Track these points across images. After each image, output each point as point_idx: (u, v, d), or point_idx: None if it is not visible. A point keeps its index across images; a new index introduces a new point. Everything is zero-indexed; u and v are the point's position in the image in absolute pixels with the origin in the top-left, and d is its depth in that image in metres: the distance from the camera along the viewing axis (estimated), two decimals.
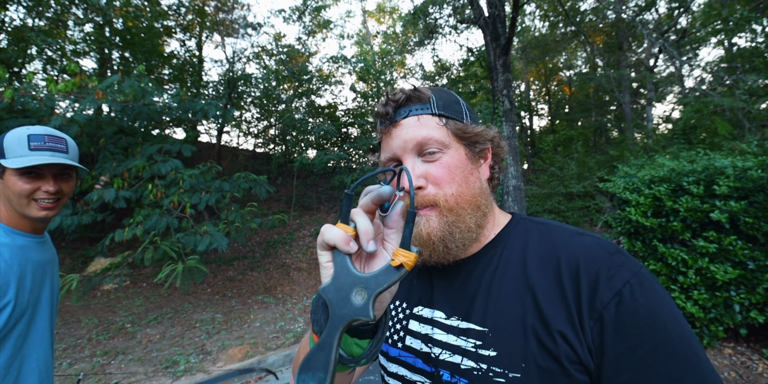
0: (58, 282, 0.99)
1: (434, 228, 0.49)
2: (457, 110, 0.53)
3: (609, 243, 0.47)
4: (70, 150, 0.91)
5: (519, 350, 0.43)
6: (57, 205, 0.89)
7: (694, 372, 0.38)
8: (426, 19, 8.69)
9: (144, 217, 4.37)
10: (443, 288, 0.55)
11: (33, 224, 0.89)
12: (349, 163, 9.79)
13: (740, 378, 2.63)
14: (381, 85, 10.76)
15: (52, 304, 0.91)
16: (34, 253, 0.87)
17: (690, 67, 11.16)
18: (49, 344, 0.91)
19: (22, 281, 0.81)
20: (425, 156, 0.50)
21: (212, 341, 3.82)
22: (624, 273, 0.42)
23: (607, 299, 0.41)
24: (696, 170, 3.20)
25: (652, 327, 0.39)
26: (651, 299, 0.40)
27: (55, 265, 0.99)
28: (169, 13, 9.08)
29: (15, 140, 0.83)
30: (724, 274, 2.83)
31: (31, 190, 0.85)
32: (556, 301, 0.43)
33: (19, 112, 4.72)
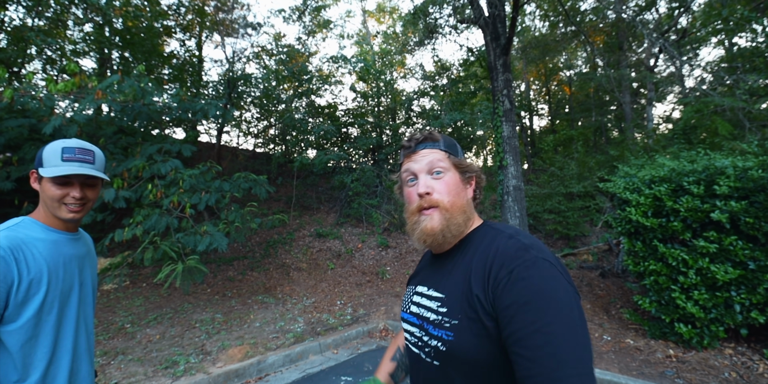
0: (94, 273, 1.13)
1: (436, 222, 0.74)
2: (456, 150, 0.81)
3: (525, 244, 0.66)
4: (97, 161, 1.06)
5: (458, 307, 0.68)
6: (83, 208, 1.04)
7: (561, 319, 0.55)
8: (426, 18, 8.69)
9: (144, 217, 4.37)
10: (432, 271, 0.82)
11: (65, 223, 1.03)
12: (349, 163, 9.78)
13: (741, 378, 2.63)
14: (381, 85, 10.75)
15: (83, 294, 1.02)
16: (67, 248, 1.00)
17: (690, 67, 11.16)
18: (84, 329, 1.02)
19: (56, 272, 0.94)
20: (433, 174, 0.77)
21: (212, 341, 3.82)
22: (517, 261, 0.63)
23: (503, 276, 0.63)
24: (696, 170, 3.19)
25: (528, 289, 0.59)
26: (531, 276, 0.60)
27: (91, 259, 1.13)
28: (169, 13, 9.08)
29: (51, 152, 0.98)
30: (725, 274, 2.82)
31: (61, 195, 0.99)
32: (480, 278, 0.67)
33: (18, 112, 4.72)
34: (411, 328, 0.79)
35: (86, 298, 1.04)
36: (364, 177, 8.50)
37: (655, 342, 3.29)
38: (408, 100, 10.90)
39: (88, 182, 1.04)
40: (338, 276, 6.47)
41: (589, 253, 5.94)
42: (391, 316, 4.62)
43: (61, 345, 0.93)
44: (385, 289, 5.80)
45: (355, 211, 8.32)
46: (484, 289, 0.64)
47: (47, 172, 0.96)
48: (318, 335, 4.04)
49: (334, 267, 6.80)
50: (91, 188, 1.05)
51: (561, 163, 7.75)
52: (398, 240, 7.49)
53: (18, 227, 0.93)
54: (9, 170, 4.61)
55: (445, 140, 0.81)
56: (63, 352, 0.93)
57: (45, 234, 0.97)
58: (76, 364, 0.98)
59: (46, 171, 0.96)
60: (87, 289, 1.05)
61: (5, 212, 5.47)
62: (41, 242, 0.93)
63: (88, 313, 1.05)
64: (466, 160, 0.81)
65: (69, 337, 0.95)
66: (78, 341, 0.98)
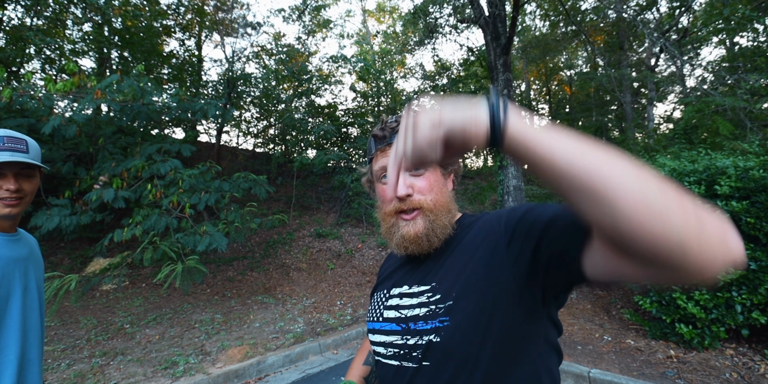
0: (39, 277, 1.02)
1: (420, 227, 0.66)
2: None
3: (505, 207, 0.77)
4: (31, 150, 0.96)
5: (455, 286, 0.62)
6: (20, 203, 0.94)
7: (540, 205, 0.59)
8: (426, 18, 8.67)
9: (143, 217, 4.36)
10: (409, 270, 0.74)
11: (1, 223, 0.93)
12: (349, 163, 9.77)
13: (742, 379, 2.62)
14: (381, 84, 10.74)
15: (27, 300, 0.93)
16: (4, 251, 0.91)
17: (691, 67, 11.14)
18: (33, 337, 0.93)
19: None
20: (412, 171, 0.67)
21: (212, 342, 3.81)
22: (513, 207, 0.64)
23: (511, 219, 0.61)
24: (697, 170, 3.18)
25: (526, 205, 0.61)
26: (525, 205, 0.62)
27: (35, 261, 1.02)
28: (169, 13, 9.06)
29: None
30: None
31: (4, 186, 0.90)
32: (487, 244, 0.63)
33: (17, 112, 4.71)
34: (386, 339, 0.70)
35: (31, 304, 0.96)
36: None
37: (656, 342, 3.28)
38: (408, 99, 10.88)
39: (24, 173, 0.95)
40: (338, 276, 6.46)
41: None
42: None
43: (1, 356, 0.86)
44: None
45: (355, 211, 8.31)
46: (496, 244, 0.60)
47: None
48: (318, 335, 4.03)
49: (334, 267, 6.80)
50: (28, 180, 0.96)
51: None
52: None
53: None
54: None
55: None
56: (5, 363, 0.86)
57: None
58: (23, 376, 0.90)
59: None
60: (32, 295, 0.97)
61: None
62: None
63: (35, 321, 0.97)
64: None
65: (12, 347, 0.88)
66: (25, 351, 0.91)
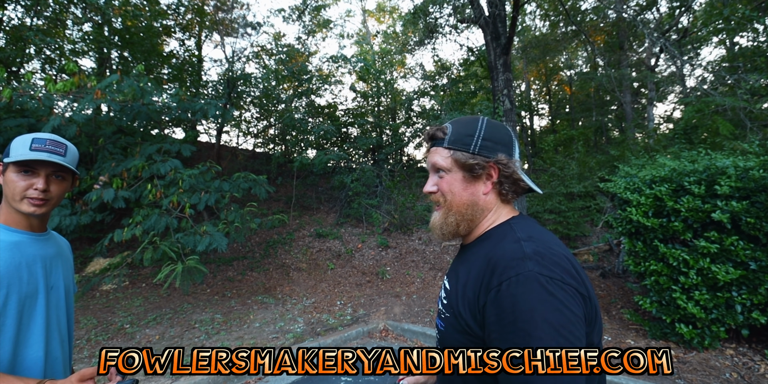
0: (68, 277, 1.04)
1: (436, 219, 0.80)
2: (467, 143, 0.75)
3: (525, 253, 0.63)
4: (69, 155, 0.98)
5: (454, 302, 0.71)
6: (45, 204, 0.95)
7: (525, 340, 0.57)
8: (426, 18, 8.67)
9: (143, 217, 4.36)
10: (454, 264, 0.84)
11: (29, 222, 0.95)
12: (349, 163, 9.77)
13: (742, 379, 2.62)
14: (381, 84, 10.73)
15: (53, 298, 0.95)
16: (31, 249, 0.93)
17: (691, 67, 11.14)
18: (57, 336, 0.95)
19: (17, 275, 0.86)
20: (438, 173, 0.79)
21: (212, 342, 3.81)
22: (510, 273, 0.61)
23: (493, 286, 0.62)
24: (697, 170, 3.18)
25: (513, 308, 0.59)
26: (518, 292, 0.59)
27: (64, 260, 1.04)
28: (168, 13, 9.06)
29: (20, 142, 0.93)
30: (726, 275, 2.81)
31: (25, 186, 0.92)
32: (475, 281, 0.68)
33: (17, 112, 4.71)
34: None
35: (58, 303, 0.97)
36: (364, 177, 8.48)
37: (656, 342, 3.28)
38: (408, 99, 10.88)
39: (56, 175, 0.96)
40: (338, 276, 6.46)
41: (590, 253, 5.93)
42: (391, 316, 4.61)
43: (25, 354, 0.87)
44: (385, 289, 5.79)
45: (355, 211, 8.31)
46: (476, 293, 0.66)
47: (10, 159, 0.91)
48: (318, 335, 4.03)
49: (333, 267, 6.79)
50: (59, 183, 0.97)
51: (561, 163, 7.73)
52: (398, 240, 7.48)
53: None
54: None
55: (452, 134, 0.77)
56: (31, 361, 0.87)
57: (4, 235, 0.90)
58: (52, 372, 0.92)
59: (10, 158, 0.91)
60: (59, 293, 0.98)
61: None
62: (7, 244, 0.87)
63: (62, 319, 0.99)
64: (473, 157, 0.74)
65: (37, 345, 0.89)
66: (50, 349, 0.92)
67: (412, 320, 4.40)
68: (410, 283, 5.94)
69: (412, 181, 9.54)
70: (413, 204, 8.12)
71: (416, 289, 5.66)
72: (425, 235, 7.44)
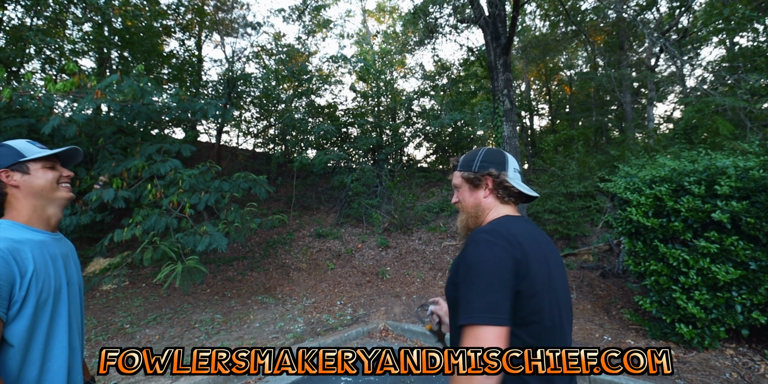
0: (79, 274, 1.12)
1: (458, 220, 1.10)
2: (470, 165, 1.07)
3: (485, 228, 0.92)
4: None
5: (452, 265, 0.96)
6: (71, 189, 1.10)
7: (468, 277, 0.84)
8: (426, 18, 8.67)
9: (143, 217, 4.36)
10: None
11: (48, 221, 1.03)
12: (349, 163, 9.77)
13: (742, 379, 2.62)
14: (381, 84, 10.73)
15: (71, 293, 1.03)
16: (52, 248, 1.00)
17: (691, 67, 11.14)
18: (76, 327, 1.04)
19: (46, 271, 0.94)
20: (457, 188, 1.11)
21: (212, 342, 3.81)
22: (470, 239, 0.91)
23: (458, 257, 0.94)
24: (697, 170, 3.18)
25: (465, 256, 0.88)
26: (469, 249, 0.88)
27: (74, 259, 1.12)
28: (168, 13, 9.06)
29: (23, 144, 1.02)
30: (726, 275, 2.81)
31: (56, 176, 1.04)
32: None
33: (17, 112, 4.71)
34: None
35: (74, 298, 1.04)
36: (364, 177, 8.48)
37: (656, 342, 3.28)
38: (408, 99, 10.88)
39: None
40: (338, 276, 6.46)
41: (590, 253, 5.93)
42: (391, 316, 4.61)
43: (55, 342, 0.94)
44: (385, 289, 5.78)
45: (355, 211, 8.31)
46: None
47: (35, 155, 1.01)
48: (318, 335, 4.03)
49: (333, 267, 6.79)
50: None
51: (561, 163, 7.73)
52: (398, 240, 7.48)
53: (7, 229, 0.93)
54: None
55: (461, 161, 1.10)
56: (59, 349, 0.95)
57: (30, 234, 0.96)
58: (73, 361, 1.00)
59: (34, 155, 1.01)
60: (74, 289, 1.05)
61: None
62: (29, 243, 0.93)
63: (78, 312, 1.06)
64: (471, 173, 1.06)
65: (63, 335, 0.97)
66: (71, 340, 1.00)
67: (412, 320, 4.40)
68: (410, 283, 5.94)
69: (412, 181, 9.54)
70: (413, 204, 8.12)
71: (416, 289, 5.66)
72: (425, 235, 7.44)
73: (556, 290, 0.90)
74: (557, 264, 0.97)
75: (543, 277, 0.86)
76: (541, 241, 0.95)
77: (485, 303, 0.78)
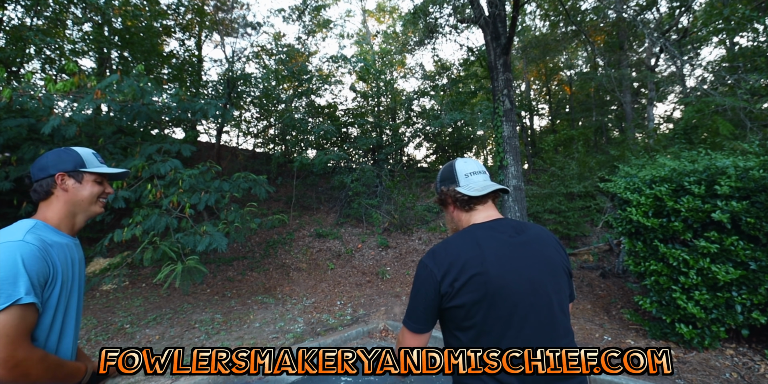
0: (84, 275, 1.19)
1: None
2: (436, 189, 1.17)
3: (422, 259, 1.01)
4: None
5: None
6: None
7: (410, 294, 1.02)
8: (426, 18, 8.66)
9: (143, 217, 4.35)
10: None
11: (72, 228, 1.09)
12: (349, 163, 9.77)
13: (742, 379, 2.62)
14: (381, 84, 10.73)
15: (79, 294, 1.10)
16: (73, 252, 1.06)
17: (691, 67, 11.14)
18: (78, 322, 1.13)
19: (66, 272, 1.00)
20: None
21: (212, 342, 3.81)
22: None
23: None
24: (697, 170, 3.18)
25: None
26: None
27: (83, 263, 1.18)
28: (168, 13, 9.06)
29: (87, 155, 1.10)
30: (726, 275, 2.81)
31: (100, 192, 1.12)
32: None
33: (17, 112, 4.71)
34: None
35: (81, 299, 1.11)
36: (364, 177, 8.48)
37: (656, 342, 3.28)
38: (408, 99, 10.88)
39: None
40: (338, 276, 6.46)
41: (590, 253, 5.93)
42: (391, 316, 4.61)
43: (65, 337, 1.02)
44: (385, 289, 5.78)
45: (355, 211, 8.31)
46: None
47: (104, 170, 1.11)
48: (318, 336, 4.03)
49: (333, 267, 6.79)
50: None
51: (561, 163, 7.73)
52: (398, 240, 7.48)
53: (38, 230, 0.98)
54: (8, 170, 4.60)
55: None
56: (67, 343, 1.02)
57: (59, 237, 1.02)
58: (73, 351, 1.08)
59: (100, 169, 1.10)
60: (81, 290, 1.12)
61: (4, 212, 5.46)
62: (57, 245, 0.99)
63: (80, 314, 1.14)
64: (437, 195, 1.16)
65: (70, 330, 1.05)
66: (75, 335, 1.09)
67: None
68: (410, 283, 5.94)
69: (412, 181, 9.54)
70: (413, 204, 8.12)
71: None
72: (425, 235, 7.44)
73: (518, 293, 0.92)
74: (539, 262, 0.97)
75: (493, 286, 0.91)
76: (514, 244, 0.98)
77: (408, 312, 1.01)
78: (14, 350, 0.82)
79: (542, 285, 0.95)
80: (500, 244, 0.97)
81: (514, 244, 0.97)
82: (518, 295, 0.92)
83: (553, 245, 1.04)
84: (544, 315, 0.93)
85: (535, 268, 0.96)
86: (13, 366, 0.81)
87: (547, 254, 1.00)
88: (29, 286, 0.86)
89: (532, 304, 0.92)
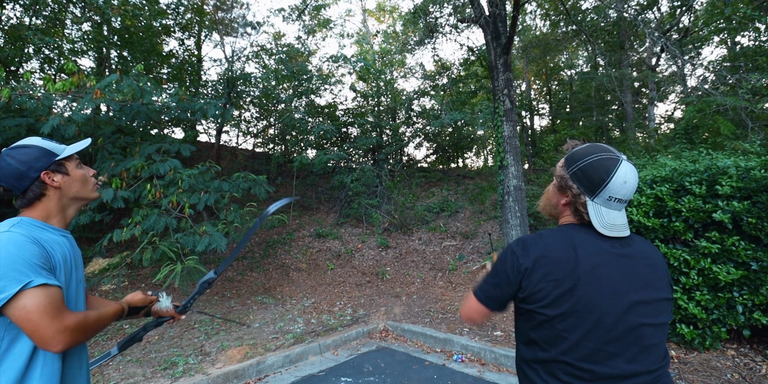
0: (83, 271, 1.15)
1: (540, 199, 1.10)
2: (569, 165, 1.00)
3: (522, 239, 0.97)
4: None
5: None
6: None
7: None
8: (426, 18, 8.65)
9: (142, 217, 4.35)
10: None
11: (65, 221, 1.05)
12: (348, 163, 9.76)
13: (743, 380, 2.61)
14: (381, 84, 10.71)
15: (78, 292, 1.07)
16: (68, 246, 1.03)
17: (692, 67, 11.12)
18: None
19: (67, 266, 0.99)
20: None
21: (211, 342, 3.80)
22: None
23: None
24: (698, 170, 3.17)
25: None
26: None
27: (81, 258, 1.15)
28: (168, 12, 9.03)
29: (46, 143, 1.01)
30: (727, 275, 2.80)
31: (87, 173, 1.07)
32: None
33: (16, 112, 4.70)
34: None
35: (80, 295, 1.08)
36: (364, 177, 8.47)
37: None
38: (408, 99, 10.86)
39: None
40: (338, 276, 6.45)
41: None
42: (391, 316, 4.60)
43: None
44: (385, 289, 5.78)
45: (355, 211, 8.30)
46: None
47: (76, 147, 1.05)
48: (318, 336, 4.02)
49: (333, 267, 6.78)
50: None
51: None
52: (398, 240, 7.47)
53: (24, 224, 0.94)
54: None
55: (570, 154, 1.07)
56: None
57: (51, 232, 0.99)
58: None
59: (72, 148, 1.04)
60: (81, 286, 1.09)
61: (3, 212, 5.45)
62: (52, 241, 0.96)
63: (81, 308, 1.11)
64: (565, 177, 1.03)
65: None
66: None
67: (412, 320, 4.39)
68: (410, 284, 5.93)
69: (412, 181, 9.53)
70: (413, 204, 8.11)
71: (416, 290, 5.65)
72: (425, 235, 7.43)
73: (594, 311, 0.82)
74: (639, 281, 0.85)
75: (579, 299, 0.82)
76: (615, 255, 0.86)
77: (482, 286, 1.00)
78: (61, 322, 0.85)
79: (636, 310, 0.83)
80: (599, 253, 0.86)
81: (615, 256, 0.86)
82: (606, 316, 0.82)
83: (661, 265, 0.92)
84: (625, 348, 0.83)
85: (633, 287, 0.84)
86: (70, 332, 0.85)
87: (652, 274, 0.88)
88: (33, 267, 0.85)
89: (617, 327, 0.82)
